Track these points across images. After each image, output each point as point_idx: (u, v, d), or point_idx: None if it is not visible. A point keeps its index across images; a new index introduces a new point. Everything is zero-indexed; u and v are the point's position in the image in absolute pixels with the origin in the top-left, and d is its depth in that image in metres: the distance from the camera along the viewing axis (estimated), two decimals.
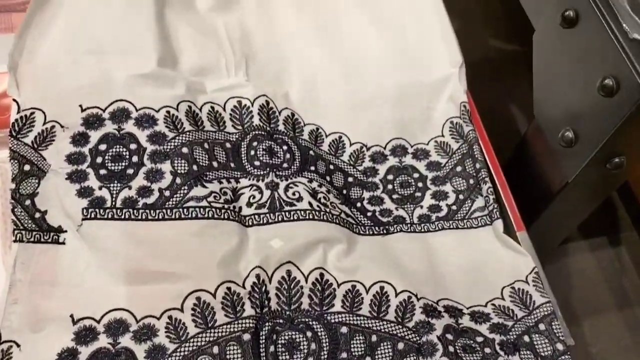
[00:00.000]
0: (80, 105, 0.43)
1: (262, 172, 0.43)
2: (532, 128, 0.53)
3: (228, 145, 0.45)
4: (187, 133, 0.43)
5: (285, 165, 0.44)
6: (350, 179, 0.46)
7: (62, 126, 0.43)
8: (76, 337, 0.36)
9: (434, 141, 0.48)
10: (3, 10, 0.53)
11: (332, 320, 0.38)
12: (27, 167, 0.41)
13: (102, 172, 0.41)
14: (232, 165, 0.44)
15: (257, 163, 0.44)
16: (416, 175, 0.47)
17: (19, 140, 0.42)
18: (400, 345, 0.37)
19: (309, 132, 0.48)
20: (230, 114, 0.47)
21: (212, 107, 0.46)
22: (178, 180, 0.41)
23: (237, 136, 0.46)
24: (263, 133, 0.45)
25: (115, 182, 0.41)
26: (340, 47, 0.52)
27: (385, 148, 0.48)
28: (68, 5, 0.48)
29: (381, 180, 0.47)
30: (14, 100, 0.44)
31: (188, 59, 0.48)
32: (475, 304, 0.40)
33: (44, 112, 0.43)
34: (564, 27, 0.44)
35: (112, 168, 0.42)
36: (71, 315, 0.36)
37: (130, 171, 0.41)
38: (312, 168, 0.45)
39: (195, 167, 0.42)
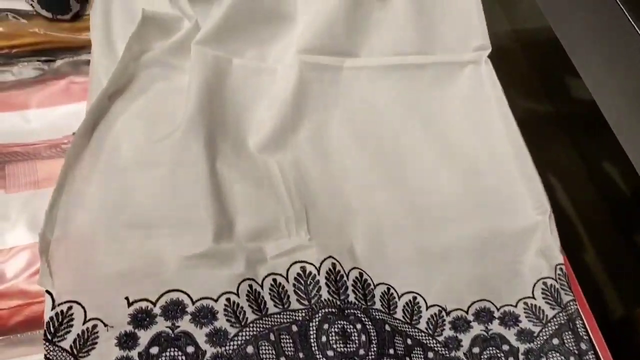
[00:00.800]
0: (127, 298, 0.38)
1: None
2: None
3: (294, 328, 0.39)
4: (251, 325, 0.38)
5: (362, 352, 0.38)
6: (430, 354, 0.41)
7: (105, 325, 0.37)
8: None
9: (524, 303, 0.43)
10: (25, 157, 0.47)
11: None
12: None
13: None
14: (301, 355, 0.38)
15: (330, 353, 0.38)
16: (506, 347, 0.41)
17: (56, 345, 0.37)
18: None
19: (381, 296, 0.42)
20: (294, 285, 0.41)
21: (275, 280, 0.41)
22: None
23: (303, 314, 0.40)
24: (334, 311, 0.40)
25: None
26: (406, 188, 0.47)
27: (467, 312, 0.42)
28: (105, 168, 0.43)
29: (466, 354, 0.41)
30: (47, 292, 0.38)
31: (244, 221, 0.42)
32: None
33: (83, 307, 0.38)
34: None
35: None
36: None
37: None
38: (391, 351, 0.39)
39: None
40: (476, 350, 0.41)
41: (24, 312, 0.40)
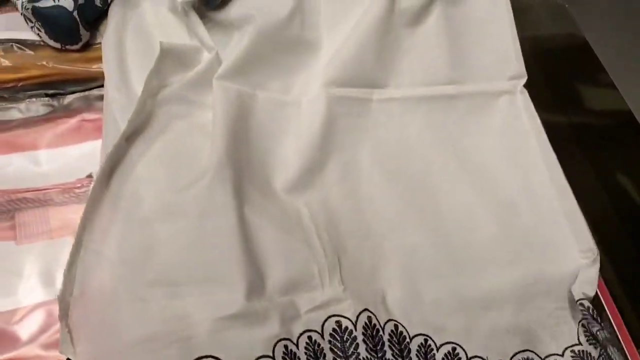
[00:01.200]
0: None
1: None
2: None
3: None
4: None
5: None
6: None
7: None
8: None
9: (571, 351, 0.41)
10: (37, 204, 0.44)
11: None
12: None
13: None
14: None
15: None
16: None
17: None
18: None
19: (417, 349, 0.40)
20: (330, 342, 0.39)
21: (310, 338, 0.39)
22: None
23: None
24: None
25: None
26: (441, 229, 0.45)
27: None
28: (126, 220, 0.40)
29: None
30: None
31: (276, 273, 0.40)
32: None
33: None
34: None
35: None
36: None
37: None
38: None
39: None
40: None
41: None
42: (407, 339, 0.40)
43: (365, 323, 0.40)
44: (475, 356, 0.41)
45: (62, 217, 0.43)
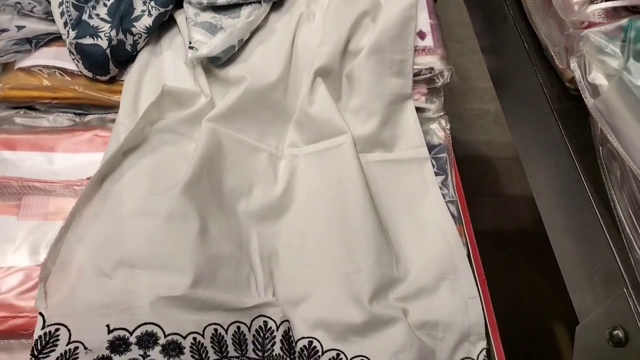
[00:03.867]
0: (108, 326, 0.43)
1: None
2: None
3: None
4: None
5: None
6: None
7: (85, 348, 0.42)
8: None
9: None
10: (42, 192, 0.54)
11: None
12: None
13: None
14: None
15: None
16: None
17: None
18: None
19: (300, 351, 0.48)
20: (254, 336, 0.47)
21: (239, 328, 0.47)
22: None
23: None
24: None
25: None
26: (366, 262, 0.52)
27: None
28: (108, 214, 0.49)
29: None
30: (40, 314, 0.44)
31: (222, 274, 0.48)
32: None
33: (68, 330, 0.43)
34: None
35: None
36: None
37: None
38: None
39: None
40: None
41: (7, 324, 0.46)
42: (319, 353, 0.48)
43: (285, 330, 0.48)
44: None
45: (59, 205, 0.53)
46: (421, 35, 0.68)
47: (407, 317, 0.50)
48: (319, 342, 0.49)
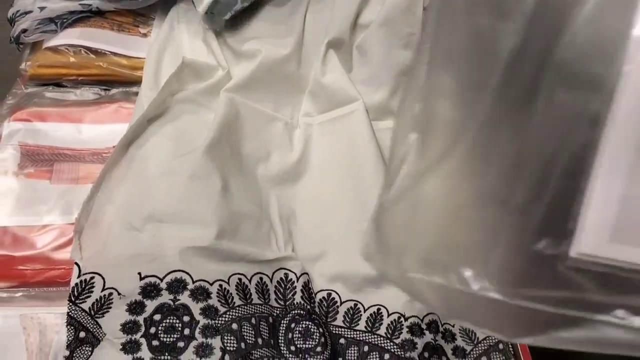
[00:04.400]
0: (139, 273, 0.46)
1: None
2: None
3: (271, 319, 0.47)
4: (237, 308, 0.46)
5: (319, 349, 0.46)
6: (386, 356, 0.48)
7: (119, 294, 0.45)
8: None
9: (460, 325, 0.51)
10: (72, 159, 0.57)
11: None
12: (82, 334, 0.43)
13: (155, 343, 0.43)
14: (272, 342, 0.46)
15: (292, 348, 0.46)
16: None
17: (77, 305, 0.45)
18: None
19: (345, 313, 0.50)
20: (276, 287, 0.50)
21: (261, 279, 0.49)
22: (227, 358, 0.43)
23: (278, 311, 0.48)
24: (302, 312, 0.48)
25: (166, 354, 0.43)
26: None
27: (422, 321, 0.49)
28: (135, 175, 0.52)
29: (419, 355, 0.48)
30: (76, 263, 0.47)
31: (244, 229, 0.51)
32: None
33: (103, 278, 0.46)
34: None
35: (165, 340, 0.43)
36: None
37: (181, 344, 0.43)
38: None
39: (243, 345, 0.44)
40: (426, 354, 0.48)
41: (45, 275, 0.50)
42: (338, 304, 0.51)
43: (305, 282, 0.50)
44: (395, 312, 0.50)
45: (88, 171, 0.56)
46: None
47: None
48: (337, 293, 0.51)
